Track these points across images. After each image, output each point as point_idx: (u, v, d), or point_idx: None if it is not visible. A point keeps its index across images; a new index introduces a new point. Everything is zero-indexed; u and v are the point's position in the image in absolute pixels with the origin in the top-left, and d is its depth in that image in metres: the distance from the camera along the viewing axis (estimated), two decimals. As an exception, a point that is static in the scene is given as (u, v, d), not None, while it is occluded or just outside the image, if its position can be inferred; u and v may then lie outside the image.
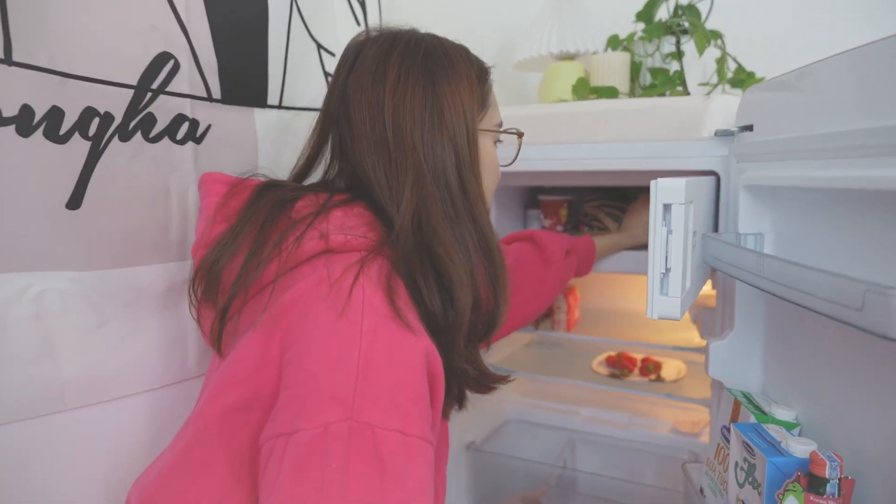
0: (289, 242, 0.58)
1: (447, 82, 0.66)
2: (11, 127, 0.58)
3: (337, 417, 0.47)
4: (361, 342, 0.50)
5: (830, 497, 0.57)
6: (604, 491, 1.20)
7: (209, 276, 0.61)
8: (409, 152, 0.63)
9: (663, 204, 0.65)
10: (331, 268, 0.56)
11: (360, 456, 0.46)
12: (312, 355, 0.51)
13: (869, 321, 0.45)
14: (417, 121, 0.63)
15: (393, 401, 0.49)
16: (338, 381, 0.48)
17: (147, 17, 0.68)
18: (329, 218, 0.60)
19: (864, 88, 0.57)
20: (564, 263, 1.01)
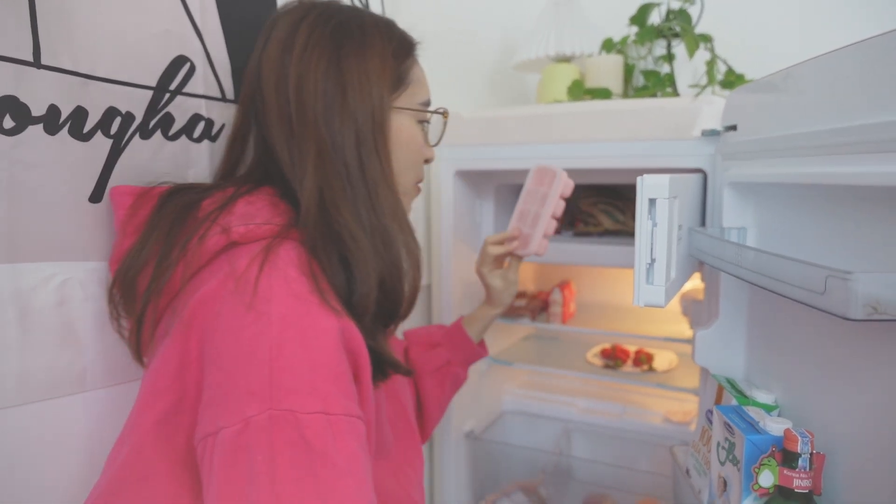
0: (192, 242, 0.58)
1: (354, 56, 0.63)
2: (40, 125, 0.62)
3: (256, 410, 0.47)
4: (271, 331, 0.50)
5: (802, 470, 0.61)
6: (598, 477, 1.25)
7: (124, 287, 0.61)
8: (310, 127, 0.62)
9: (649, 198, 0.68)
10: (235, 262, 0.55)
11: (285, 443, 0.47)
12: (226, 352, 0.51)
13: (830, 303, 0.49)
14: (319, 94, 0.62)
15: (311, 384, 0.49)
16: (253, 375, 0.49)
17: (164, 23, 0.72)
18: (232, 211, 0.59)
19: (837, 90, 0.61)
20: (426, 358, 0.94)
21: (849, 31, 1.24)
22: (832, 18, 1.28)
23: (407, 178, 0.72)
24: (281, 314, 0.51)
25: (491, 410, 1.44)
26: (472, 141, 1.17)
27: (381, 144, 0.65)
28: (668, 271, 0.71)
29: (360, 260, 0.60)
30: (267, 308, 0.51)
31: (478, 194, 1.31)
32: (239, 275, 0.54)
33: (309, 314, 0.52)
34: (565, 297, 1.34)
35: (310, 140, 0.62)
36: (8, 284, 0.62)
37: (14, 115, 0.59)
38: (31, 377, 0.64)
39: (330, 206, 0.60)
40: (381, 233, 0.63)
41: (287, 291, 0.53)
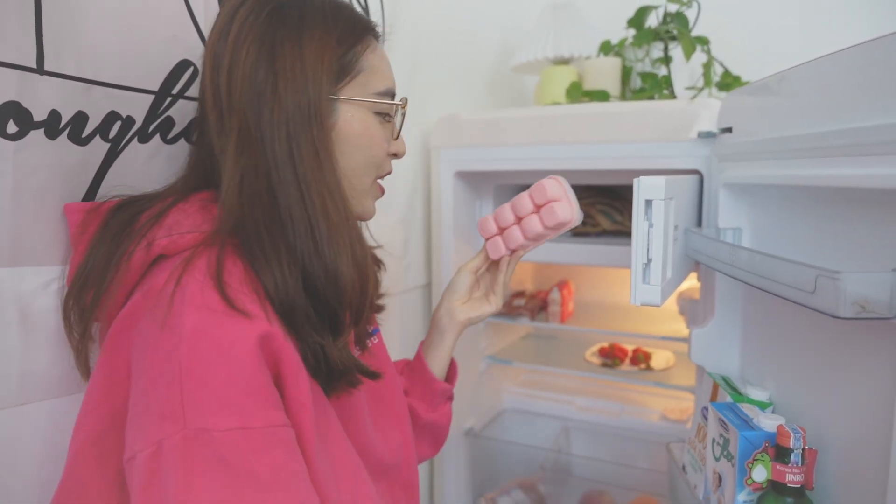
0: (122, 261, 0.56)
1: (288, 42, 0.59)
2: (41, 130, 0.63)
3: (169, 432, 0.45)
4: (181, 349, 0.47)
5: (794, 465, 0.62)
6: (597, 474, 1.26)
7: (77, 307, 0.59)
8: (235, 115, 0.58)
9: (645, 200, 0.70)
10: (154, 279, 0.54)
11: (201, 463, 0.45)
12: (143, 373, 0.49)
13: (820, 302, 0.50)
14: (249, 84, 0.58)
15: (226, 400, 0.47)
16: (165, 395, 0.47)
17: (169, 28, 0.73)
18: (162, 222, 0.57)
19: (828, 94, 0.62)
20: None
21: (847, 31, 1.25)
22: (830, 20, 1.29)
23: (362, 175, 0.66)
24: (192, 328, 0.48)
25: (490, 408, 1.45)
26: (471, 142, 1.18)
27: (318, 138, 0.59)
28: (665, 271, 0.72)
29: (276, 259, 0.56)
30: (179, 323, 0.49)
31: (477, 194, 1.32)
32: (157, 290, 0.52)
33: (223, 325, 0.49)
34: (564, 296, 1.35)
35: (233, 130, 0.58)
36: (10, 288, 0.62)
37: (17, 121, 0.60)
38: (32, 378, 0.65)
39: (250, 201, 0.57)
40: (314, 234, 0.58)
41: (201, 303, 0.50)
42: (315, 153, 0.59)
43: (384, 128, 0.67)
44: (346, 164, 0.63)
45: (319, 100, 0.59)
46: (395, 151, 0.70)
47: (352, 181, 0.64)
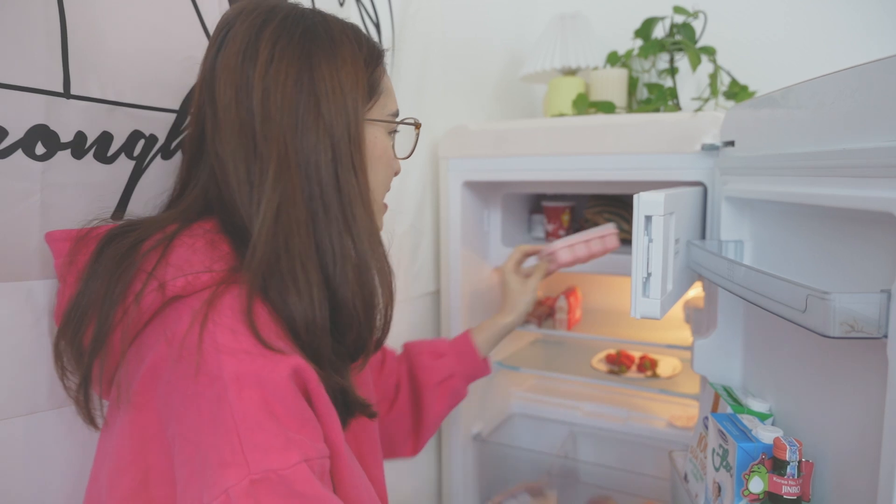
0: (129, 302, 0.53)
1: (327, 65, 0.58)
2: (68, 151, 0.66)
3: (235, 480, 0.45)
4: (229, 395, 0.47)
5: (791, 477, 0.64)
6: (603, 480, 1.28)
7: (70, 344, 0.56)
8: (275, 143, 0.56)
9: (645, 216, 0.71)
10: (176, 324, 0.52)
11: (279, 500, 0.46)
12: (190, 425, 0.48)
13: (810, 321, 0.52)
14: (289, 108, 0.56)
15: (284, 437, 0.47)
16: (223, 444, 0.46)
17: (187, 49, 0.76)
18: (169, 258, 0.54)
19: (825, 114, 0.63)
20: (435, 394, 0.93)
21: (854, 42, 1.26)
22: (838, 30, 1.30)
23: (380, 194, 0.67)
24: (234, 374, 0.48)
25: (498, 413, 1.47)
26: (479, 153, 1.20)
27: (357, 160, 0.59)
28: (664, 284, 0.74)
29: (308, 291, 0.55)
30: (218, 370, 0.48)
31: (485, 204, 1.35)
32: (181, 338, 0.50)
33: (263, 367, 0.49)
34: (571, 303, 1.36)
35: (273, 157, 0.56)
36: (42, 299, 0.66)
37: (45, 143, 0.64)
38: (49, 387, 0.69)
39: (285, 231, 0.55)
40: (356, 260, 0.58)
41: (237, 348, 0.50)
42: (356, 176, 0.59)
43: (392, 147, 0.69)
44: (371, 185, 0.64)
45: (357, 122, 0.60)
46: (397, 170, 0.70)
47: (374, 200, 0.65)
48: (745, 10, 1.36)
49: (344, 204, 0.58)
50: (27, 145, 0.62)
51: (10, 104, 0.61)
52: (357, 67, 0.61)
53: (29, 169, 0.63)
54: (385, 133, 0.67)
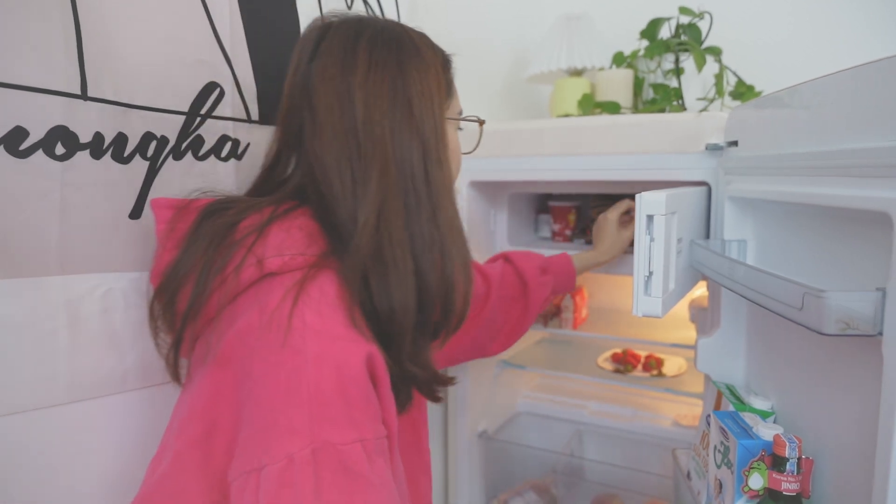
0: (229, 271, 0.59)
1: (416, 71, 0.65)
2: (87, 151, 0.69)
3: (299, 447, 0.50)
4: (308, 369, 0.52)
5: (790, 474, 0.65)
6: (608, 478, 1.28)
7: (165, 306, 0.62)
8: (377, 143, 0.62)
9: (647, 215, 0.73)
10: (269, 296, 0.57)
11: (330, 474, 0.50)
12: (264, 389, 0.53)
13: (807, 318, 0.53)
14: (387, 111, 0.62)
15: (348, 415, 0.52)
16: (292, 412, 0.51)
17: (197, 53, 0.78)
18: (267, 239, 0.60)
19: (827, 115, 0.64)
20: (540, 281, 1.04)
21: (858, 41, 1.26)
22: (843, 29, 1.30)
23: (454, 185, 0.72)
24: (316, 352, 0.53)
25: (504, 411, 1.49)
26: (485, 153, 1.21)
27: (443, 155, 0.66)
28: (666, 283, 0.75)
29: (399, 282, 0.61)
30: (302, 345, 0.53)
31: (492, 204, 1.36)
32: (272, 310, 0.55)
33: (342, 349, 0.54)
34: (577, 303, 1.38)
35: (377, 156, 0.62)
36: (60, 295, 0.68)
37: (64, 143, 0.66)
38: (80, 378, 0.71)
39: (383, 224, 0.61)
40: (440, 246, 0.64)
41: (321, 326, 0.55)
42: (442, 169, 0.65)
43: None
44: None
45: (441, 121, 0.66)
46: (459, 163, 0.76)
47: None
48: (751, 11, 1.36)
49: (432, 195, 0.64)
50: (47, 145, 0.65)
51: (31, 106, 0.63)
52: (438, 72, 0.68)
53: (49, 168, 0.65)
54: (454, 129, 0.74)
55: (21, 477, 0.67)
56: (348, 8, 1.04)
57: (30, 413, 0.67)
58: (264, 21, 0.87)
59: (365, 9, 1.08)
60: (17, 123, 0.62)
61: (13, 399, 0.65)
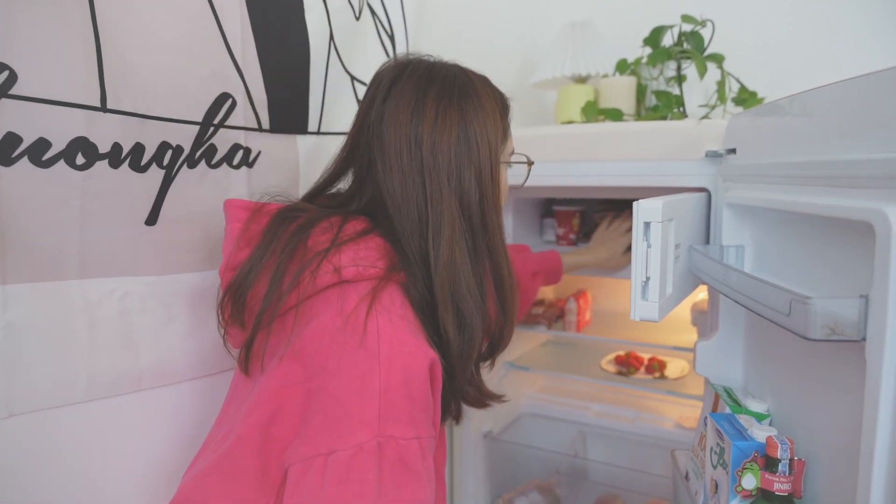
0: (305, 275, 0.64)
1: (477, 120, 0.71)
2: (105, 161, 0.72)
3: (367, 438, 0.56)
4: (380, 370, 0.58)
5: (782, 475, 0.67)
6: (611, 479, 1.30)
7: (235, 299, 0.67)
8: (443, 190, 0.68)
9: (644, 222, 0.74)
10: (345, 300, 0.62)
11: (389, 464, 0.56)
12: (339, 383, 0.58)
13: (794, 324, 0.55)
14: (452, 158, 0.69)
15: (409, 415, 0.58)
16: (364, 406, 0.57)
17: (211, 65, 0.81)
18: (342, 251, 0.66)
19: (815, 126, 0.66)
20: (530, 284, 1.12)
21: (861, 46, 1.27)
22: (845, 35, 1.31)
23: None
24: (387, 354, 0.59)
25: (509, 412, 1.51)
26: (490, 159, 1.24)
27: (497, 198, 0.73)
28: (663, 288, 0.77)
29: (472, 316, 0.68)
30: (376, 348, 0.59)
31: (497, 208, 1.38)
32: (348, 314, 0.61)
33: (410, 354, 0.60)
34: (580, 306, 1.39)
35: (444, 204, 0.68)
36: (79, 298, 0.72)
37: (84, 153, 0.69)
38: (98, 378, 0.74)
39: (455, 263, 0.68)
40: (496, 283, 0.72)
41: (392, 332, 0.60)
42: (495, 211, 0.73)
43: None
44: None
45: (497, 165, 0.73)
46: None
47: None
48: (754, 17, 1.37)
49: (489, 236, 0.72)
50: (68, 156, 0.68)
51: (54, 118, 0.66)
52: (496, 118, 0.74)
53: (70, 178, 0.68)
54: (506, 168, 0.80)
55: (42, 470, 0.70)
56: (356, 18, 1.07)
57: (51, 411, 0.70)
58: (274, 34, 0.90)
59: (373, 20, 1.11)
60: (41, 135, 0.66)
61: (35, 397, 0.69)
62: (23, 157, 0.65)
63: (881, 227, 0.50)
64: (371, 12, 1.11)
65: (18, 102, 0.64)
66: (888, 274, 0.49)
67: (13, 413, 0.67)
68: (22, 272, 0.67)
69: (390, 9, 1.15)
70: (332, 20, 1.01)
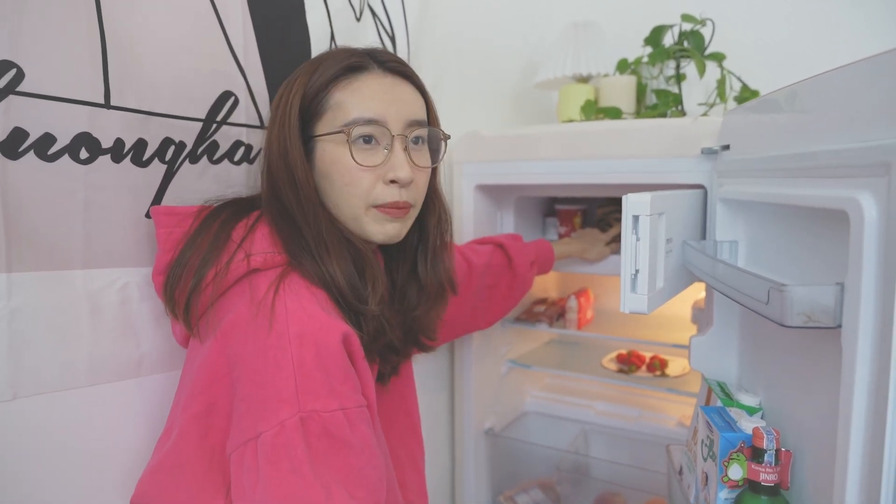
0: (221, 266, 0.68)
1: (281, 99, 0.75)
2: (108, 156, 0.74)
3: (288, 414, 0.57)
4: (291, 347, 0.60)
5: (768, 465, 0.67)
6: (612, 476, 1.30)
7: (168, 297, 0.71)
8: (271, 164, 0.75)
9: (633, 215, 0.76)
10: (255, 289, 0.66)
11: (316, 438, 0.58)
12: (256, 368, 0.61)
13: (772, 312, 0.55)
14: (273, 119, 0.75)
15: (328, 386, 0.59)
16: (281, 386, 0.58)
17: (213, 63, 0.83)
18: (254, 240, 0.70)
19: (799, 119, 0.67)
20: (528, 273, 1.15)
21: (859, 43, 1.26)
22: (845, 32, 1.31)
23: (347, 204, 0.74)
24: (298, 332, 0.61)
25: (512, 410, 1.52)
26: (491, 157, 1.26)
27: (304, 179, 0.72)
28: (653, 281, 0.78)
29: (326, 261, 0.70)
30: (285, 327, 0.61)
31: (498, 206, 1.40)
32: (259, 300, 0.64)
33: (321, 329, 0.62)
34: (581, 304, 1.40)
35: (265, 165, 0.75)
36: (82, 287, 0.74)
37: (88, 148, 0.72)
38: (99, 364, 0.77)
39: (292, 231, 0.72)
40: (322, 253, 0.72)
41: (300, 310, 0.62)
42: (301, 192, 0.73)
43: (366, 155, 0.72)
44: (331, 195, 0.75)
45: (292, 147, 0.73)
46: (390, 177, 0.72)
47: (340, 210, 0.75)
48: (755, 17, 1.37)
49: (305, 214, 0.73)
50: (73, 150, 0.71)
51: (59, 114, 0.69)
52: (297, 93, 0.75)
53: (74, 171, 0.71)
54: (336, 144, 0.72)
55: (44, 451, 0.72)
56: (357, 19, 1.09)
57: (54, 394, 0.73)
58: (275, 32, 0.93)
59: (374, 22, 1.13)
60: (46, 130, 0.68)
61: (39, 381, 0.71)
62: (29, 151, 0.68)
63: (855, 215, 0.50)
64: (372, 13, 1.13)
65: (25, 99, 0.67)
66: (861, 261, 0.49)
67: (18, 396, 0.69)
68: (27, 261, 0.70)
69: (391, 10, 1.17)
70: (332, 21, 1.03)
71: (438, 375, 1.38)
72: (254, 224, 0.72)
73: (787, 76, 1.12)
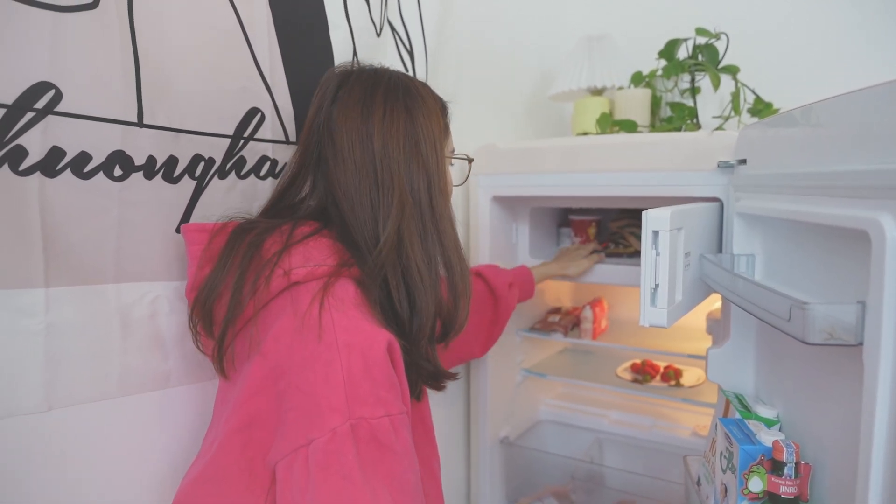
0: (261, 282, 0.69)
1: (422, 115, 0.77)
2: (140, 173, 0.77)
3: (339, 422, 0.59)
4: (341, 358, 0.62)
5: (788, 478, 0.68)
6: (627, 485, 1.31)
7: (203, 313, 0.72)
8: (394, 177, 0.74)
9: (652, 231, 0.77)
10: (297, 302, 0.67)
11: (365, 444, 0.60)
12: (305, 379, 0.62)
13: (794, 329, 0.56)
14: (401, 149, 0.75)
15: (375, 394, 0.62)
16: (331, 395, 0.60)
17: (241, 81, 0.86)
18: (292, 254, 0.70)
19: (820, 138, 0.68)
20: (508, 295, 1.17)
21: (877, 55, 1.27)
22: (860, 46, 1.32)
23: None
24: (345, 342, 0.63)
25: (526, 419, 1.53)
26: (506, 169, 1.27)
27: (444, 185, 0.79)
28: (672, 295, 0.79)
29: (422, 291, 0.73)
30: (333, 338, 0.63)
31: (513, 217, 1.41)
32: (303, 313, 0.65)
33: (367, 338, 0.64)
34: (596, 314, 1.41)
35: (394, 188, 0.73)
36: (114, 301, 0.76)
37: (121, 165, 0.74)
38: (129, 375, 0.79)
39: (404, 242, 0.73)
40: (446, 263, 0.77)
41: (347, 321, 0.65)
42: (442, 198, 0.78)
43: None
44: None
45: (441, 157, 0.79)
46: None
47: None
48: (769, 31, 1.39)
49: (437, 220, 0.77)
50: (107, 168, 0.73)
51: (94, 133, 0.71)
52: (438, 116, 0.81)
53: (108, 188, 0.73)
54: (449, 165, 0.85)
55: (78, 460, 0.74)
56: (377, 35, 1.11)
57: (86, 405, 0.75)
58: (300, 50, 0.95)
59: (393, 37, 1.15)
60: (82, 149, 0.71)
61: (73, 392, 0.74)
62: (66, 169, 0.70)
63: (876, 236, 0.52)
64: (391, 29, 1.16)
65: (63, 119, 0.69)
66: (883, 280, 0.51)
67: (52, 407, 0.72)
68: (63, 276, 0.72)
69: (410, 26, 1.19)
70: (355, 38, 1.05)
71: (454, 384, 1.39)
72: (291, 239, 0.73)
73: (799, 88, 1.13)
